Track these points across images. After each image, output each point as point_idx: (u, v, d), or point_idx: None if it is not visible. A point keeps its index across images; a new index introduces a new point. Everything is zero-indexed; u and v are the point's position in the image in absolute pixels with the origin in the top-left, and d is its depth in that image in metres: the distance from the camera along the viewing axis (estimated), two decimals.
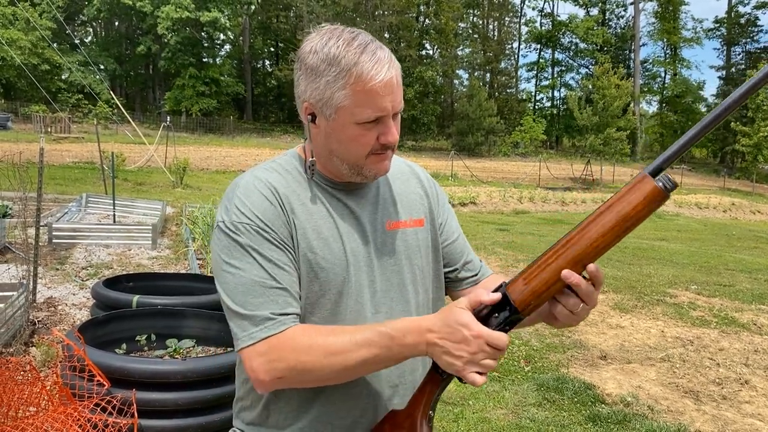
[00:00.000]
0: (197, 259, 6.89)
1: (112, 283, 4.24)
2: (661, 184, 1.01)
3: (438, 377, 1.17)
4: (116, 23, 48.63)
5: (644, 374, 4.95)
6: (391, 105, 1.19)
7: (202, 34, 42.69)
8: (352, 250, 1.27)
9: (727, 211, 26.64)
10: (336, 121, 1.19)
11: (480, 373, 1.06)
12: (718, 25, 58.81)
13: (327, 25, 1.23)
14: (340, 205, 1.29)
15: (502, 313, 1.10)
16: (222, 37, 48.11)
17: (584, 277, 1.06)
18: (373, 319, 1.27)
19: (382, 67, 1.16)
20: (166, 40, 40.59)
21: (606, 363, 5.18)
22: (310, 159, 1.27)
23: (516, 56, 60.88)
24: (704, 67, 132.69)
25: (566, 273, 1.05)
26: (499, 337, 1.06)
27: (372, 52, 1.16)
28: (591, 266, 1.06)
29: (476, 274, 1.48)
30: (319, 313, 1.24)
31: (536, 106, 61.75)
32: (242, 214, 1.20)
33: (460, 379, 1.08)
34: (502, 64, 57.54)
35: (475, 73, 55.15)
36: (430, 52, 52.91)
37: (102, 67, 43.92)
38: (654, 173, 1.03)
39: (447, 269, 1.46)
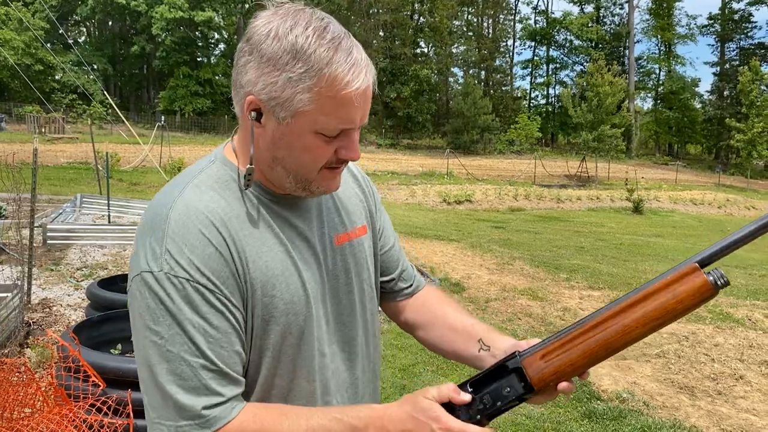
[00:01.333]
0: None
1: (107, 283, 4.23)
2: (712, 278, 0.91)
3: None
4: (110, 23, 48.50)
5: (640, 370, 4.96)
6: (360, 118, 1.00)
7: (197, 33, 42.62)
8: (308, 279, 1.07)
9: (721, 207, 26.73)
10: (290, 126, 0.98)
11: None
12: (712, 21, 58.94)
13: (287, 2, 0.99)
14: (286, 226, 1.07)
15: (508, 391, 0.99)
16: (216, 36, 48.07)
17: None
18: (329, 351, 1.11)
19: (360, 72, 0.96)
20: (160, 40, 40.52)
21: None
22: (249, 166, 1.01)
23: (511, 54, 60.94)
24: (699, 63, 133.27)
25: (565, 386, 1.00)
26: (473, 430, 0.94)
27: (347, 50, 0.96)
28: (566, 385, 1.00)
29: (411, 285, 1.32)
30: (282, 363, 1.05)
31: (531, 104, 61.80)
32: (177, 265, 0.94)
33: None
34: (497, 62, 57.61)
35: (470, 71, 55.18)
36: (425, 50, 52.93)
37: (96, 67, 43.78)
38: (703, 263, 0.93)
39: (383, 279, 1.29)
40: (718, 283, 0.91)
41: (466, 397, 0.97)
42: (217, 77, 44.46)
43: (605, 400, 4.25)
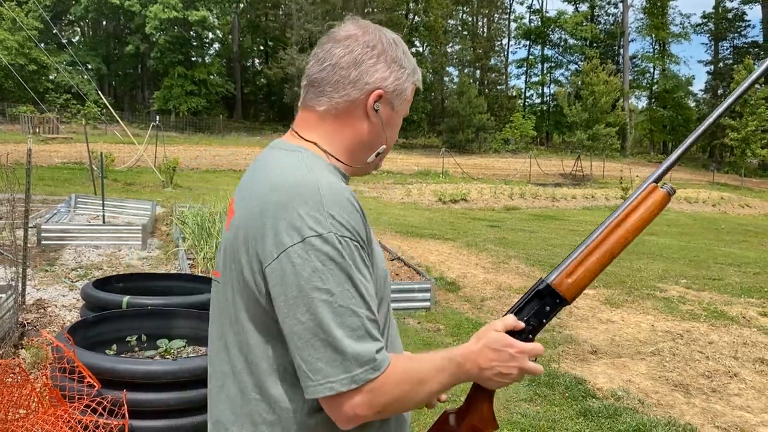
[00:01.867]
0: (187, 259, 6.87)
1: (101, 284, 4.21)
2: (665, 190, 1.26)
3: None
4: (104, 23, 48.32)
5: (635, 368, 4.98)
6: None
7: (191, 33, 42.50)
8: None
9: (716, 206, 26.82)
10: (398, 111, 1.25)
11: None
12: (705, 20, 59.11)
13: (358, 18, 1.25)
14: None
15: (548, 309, 1.23)
16: (210, 36, 47.95)
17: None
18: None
19: None
20: (154, 40, 40.39)
21: (597, 358, 5.21)
22: (382, 147, 1.26)
23: (505, 53, 61.00)
24: (692, 62, 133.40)
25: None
26: (536, 347, 1.18)
27: None
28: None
29: None
30: (383, 328, 1.18)
31: (526, 103, 61.88)
32: (341, 226, 1.04)
33: None
34: (492, 61, 57.64)
35: (465, 70, 55.19)
36: (420, 49, 52.91)
37: (90, 66, 43.63)
38: (657, 181, 1.26)
39: None
40: (670, 193, 1.26)
41: (521, 324, 1.20)
42: (212, 77, 44.36)
43: (600, 398, 4.26)
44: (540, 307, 1.22)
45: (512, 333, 1.18)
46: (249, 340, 1.10)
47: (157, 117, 30.90)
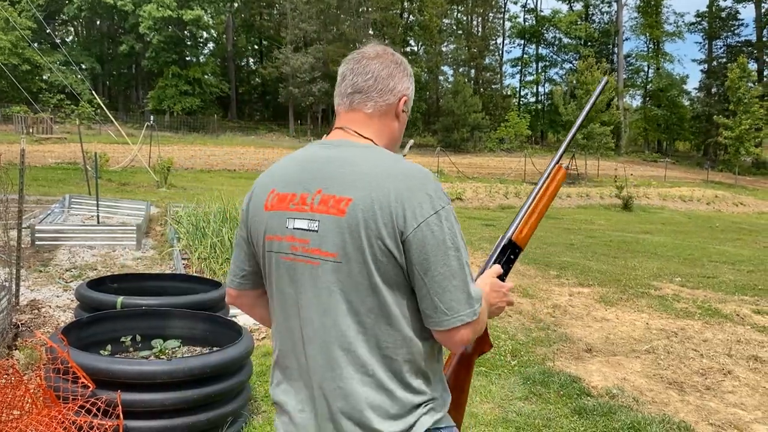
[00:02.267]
0: (182, 259, 6.85)
1: (96, 284, 4.21)
2: (565, 167, 1.87)
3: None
4: (98, 22, 48.19)
5: (629, 366, 4.99)
6: None
7: (185, 32, 42.40)
8: None
9: (710, 204, 26.91)
10: (407, 113, 1.59)
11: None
12: (699, 19, 59.33)
13: (375, 42, 1.63)
14: None
15: (508, 257, 1.73)
16: (205, 35, 47.87)
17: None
18: None
19: None
20: (148, 39, 40.27)
21: (591, 356, 5.22)
22: (411, 140, 2.01)
23: (500, 52, 61.08)
24: (686, 60, 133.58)
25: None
26: (511, 285, 1.63)
27: None
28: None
29: None
30: None
31: (521, 102, 61.99)
32: (449, 201, 1.41)
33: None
34: (487, 60, 57.72)
35: (460, 70, 55.24)
36: (415, 48, 52.94)
37: (84, 66, 43.50)
38: (559, 162, 1.85)
39: None
40: (570, 170, 1.75)
41: (501, 270, 1.65)
42: (206, 76, 44.29)
43: (595, 396, 4.27)
44: (507, 256, 1.71)
45: (498, 277, 1.63)
46: (386, 299, 1.36)
47: (152, 117, 30.85)
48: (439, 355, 1.49)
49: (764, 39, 54.61)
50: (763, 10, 54.69)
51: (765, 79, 51.88)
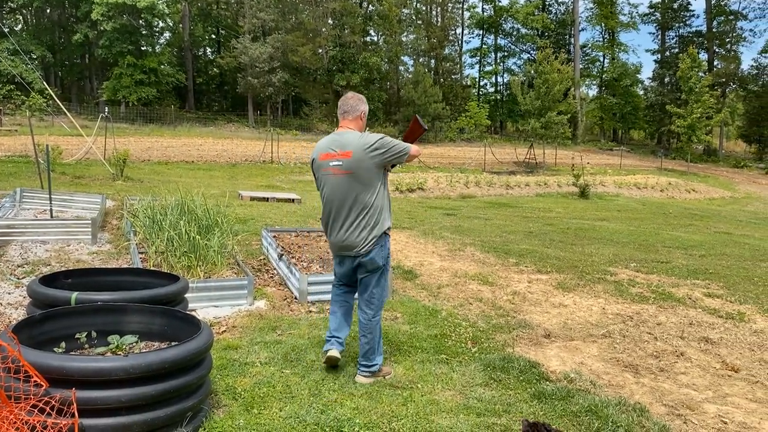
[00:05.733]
0: (139, 253, 6.72)
1: (49, 280, 4.10)
2: (420, 119, 4.32)
3: None
4: (48, 10, 46.64)
5: (586, 351, 5.10)
6: None
7: (140, 21, 41.35)
8: None
9: (664, 191, 27.62)
10: (365, 119, 4.27)
11: None
12: (652, 10, 60.55)
13: (349, 92, 4.42)
14: None
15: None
16: (161, 24, 46.79)
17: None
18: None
19: None
20: (102, 28, 39.14)
21: (550, 341, 5.32)
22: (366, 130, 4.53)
23: (459, 42, 61.34)
24: (641, 51, 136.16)
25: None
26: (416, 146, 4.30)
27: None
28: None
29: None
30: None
31: (480, 92, 62.44)
32: (383, 137, 4.05)
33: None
34: (446, 51, 57.89)
35: (420, 60, 55.28)
36: (375, 38, 52.74)
37: (34, 55, 42.11)
38: (418, 114, 4.71)
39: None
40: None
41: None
42: (162, 66, 43.32)
43: (554, 381, 4.35)
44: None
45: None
46: (371, 191, 4.01)
47: (106, 108, 30.08)
48: (389, 208, 4.14)
49: (714, 30, 56.08)
50: (713, 2, 56.11)
51: (714, 69, 53.34)
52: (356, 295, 4.39)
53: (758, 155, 52.86)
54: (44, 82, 26.11)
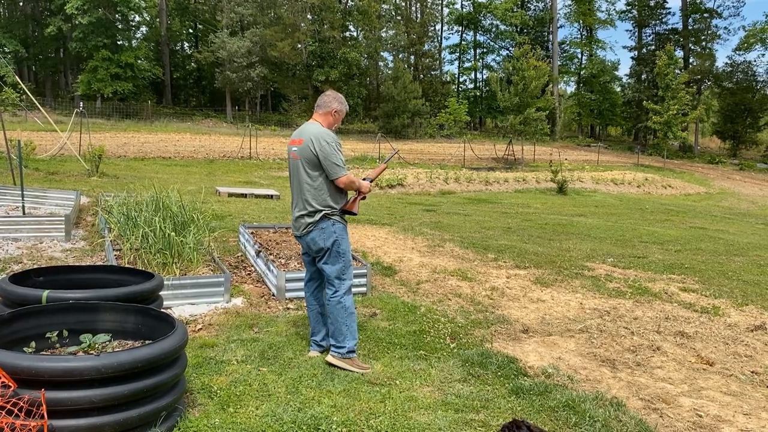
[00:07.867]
0: (114, 250, 6.61)
1: (19, 278, 4.01)
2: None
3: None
4: (21, 3, 45.75)
5: (564, 345, 5.13)
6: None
7: (116, 15, 40.73)
8: None
9: (640, 186, 27.93)
10: (338, 119, 4.54)
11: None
12: (629, 7, 61.01)
13: (329, 89, 4.97)
14: None
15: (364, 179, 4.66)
16: (137, 18, 46.15)
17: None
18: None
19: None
20: (76, 21, 38.45)
21: (528, 336, 5.34)
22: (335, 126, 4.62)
23: (439, 38, 61.33)
24: (618, 47, 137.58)
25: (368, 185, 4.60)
26: (366, 183, 4.59)
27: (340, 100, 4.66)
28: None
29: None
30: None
31: (460, 88, 62.53)
32: (335, 140, 4.32)
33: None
34: (426, 47, 57.80)
35: (400, 56, 55.16)
36: (354, 33, 52.54)
37: (7, 49, 41.28)
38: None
39: None
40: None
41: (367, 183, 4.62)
42: (139, 61, 42.72)
43: (531, 376, 4.36)
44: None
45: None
46: (312, 176, 4.28)
47: (81, 103, 29.57)
48: (337, 194, 4.37)
49: (689, 27, 56.75)
50: (688, 0, 56.75)
51: (690, 66, 54.00)
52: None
53: (732, 152, 53.65)
54: (17, 77, 25.61)
